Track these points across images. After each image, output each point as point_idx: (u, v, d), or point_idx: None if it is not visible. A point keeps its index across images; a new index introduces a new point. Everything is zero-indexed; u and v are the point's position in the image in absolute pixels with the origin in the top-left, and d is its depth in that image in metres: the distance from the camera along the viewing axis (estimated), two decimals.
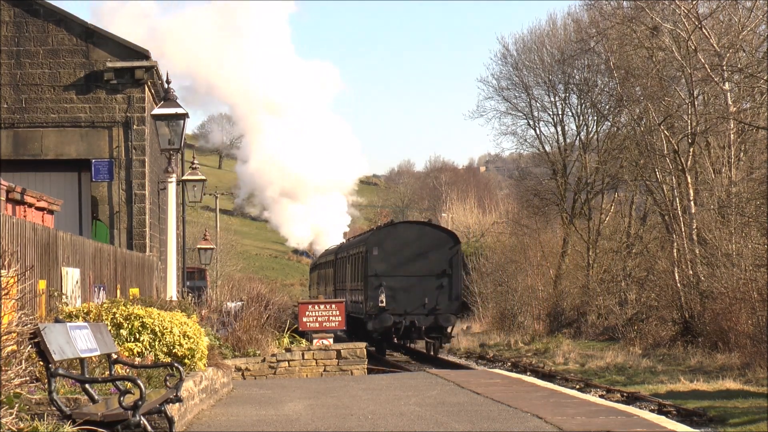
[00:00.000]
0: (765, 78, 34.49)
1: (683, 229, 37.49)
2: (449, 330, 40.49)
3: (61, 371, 8.76)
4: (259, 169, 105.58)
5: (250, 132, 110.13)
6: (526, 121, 55.75)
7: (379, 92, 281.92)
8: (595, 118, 52.53)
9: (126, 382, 9.50)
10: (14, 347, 8.66)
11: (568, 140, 54.52)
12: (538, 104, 55.37)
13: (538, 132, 55.49)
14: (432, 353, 40.16)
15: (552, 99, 54.83)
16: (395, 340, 41.49)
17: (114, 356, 10.73)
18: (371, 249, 41.27)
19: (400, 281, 40.29)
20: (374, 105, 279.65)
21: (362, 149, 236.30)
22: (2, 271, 9.03)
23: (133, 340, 13.61)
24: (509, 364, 35.74)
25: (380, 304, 39.50)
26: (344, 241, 57.68)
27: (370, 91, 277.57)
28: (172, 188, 21.14)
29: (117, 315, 13.69)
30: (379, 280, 40.28)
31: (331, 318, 25.89)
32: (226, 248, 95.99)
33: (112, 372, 10.59)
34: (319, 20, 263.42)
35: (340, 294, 49.39)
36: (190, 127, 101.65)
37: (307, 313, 25.42)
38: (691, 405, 22.07)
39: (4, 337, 8.42)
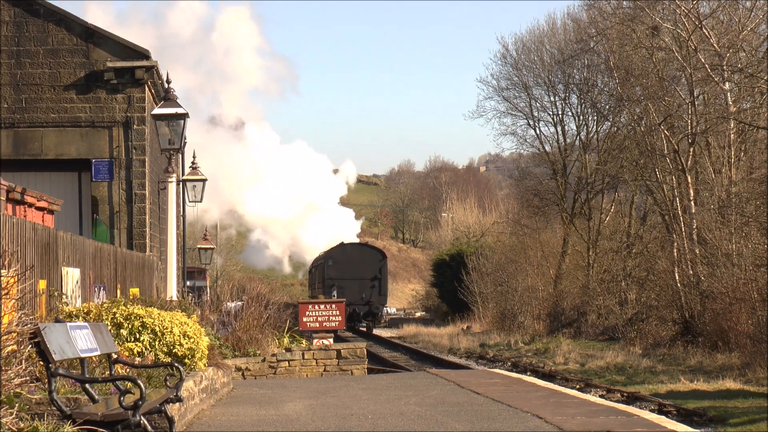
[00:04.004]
0: (765, 78, 34.46)
1: (683, 229, 37.47)
2: (379, 315, 63.38)
3: (61, 371, 8.76)
4: None
5: None
6: (526, 121, 55.81)
7: (379, 92, 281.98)
8: (595, 118, 52.56)
9: (126, 382, 9.50)
10: (14, 347, 8.65)
11: (568, 140, 54.56)
12: (538, 104, 55.44)
13: (538, 132, 55.56)
14: (368, 331, 59.93)
15: (552, 99, 54.89)
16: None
17: (114, 356, 10.73)
18: (327, 261, 62.63)
19: (347, 283, 60.18)
20: (374, 105, 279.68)
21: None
22: (2, 270, 9.03)
23: (133, 339, 13.60)
24: (509, 364, 35.74)
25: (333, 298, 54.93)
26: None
27: (370, 91, 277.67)
28: (172, 188, 21.14)
29: (117, 315, 13.69)
30: (333, 281, 60.47)
31: (331, 318, 25.91)
32: (227, 248, 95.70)
33: (113, 372, 10.59)
34: (319, 19, 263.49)
35: (314, 291, 68.25)
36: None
37: (307, 313, 25.42)
38: (691, 405, 22.07)
39: (4, 337, 8.42)
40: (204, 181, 32.18)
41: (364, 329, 61.24)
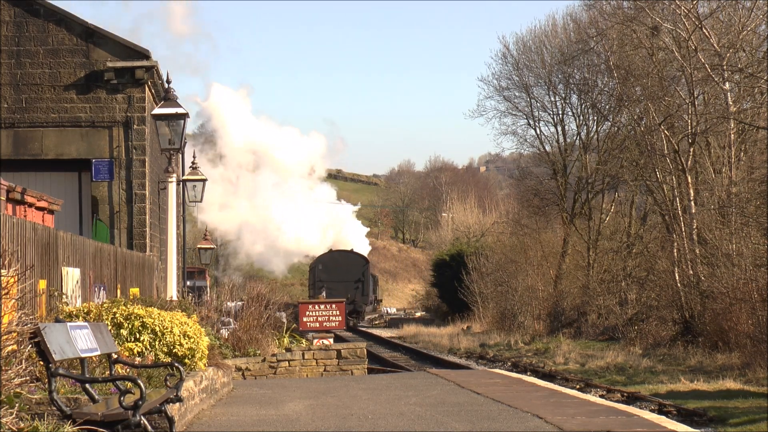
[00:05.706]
0: (765, 78, 34.46)
1: (683, 229, 37.46)
2: (362, 313, 72.99)
3: (61, 371, 8.76)
4: None
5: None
6: (526, 120, 55.76)
7: (380, 92, 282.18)
8: (595, 117, 52.51)
9: (126, 382, 9.50)
10: (14, 347, 8.65)
11: (568, 140, 54.53)
12: (538, 104, 55.38)
13: (538, 132, 55.51)
14: (353, 326, 67.41)
15: (552, 99, 54.84)
16: None
17: (114, 356, 10.73)
18: (318, 265, 72.82)
19: (334, 284, 68.48)
20: (375, 105, 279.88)
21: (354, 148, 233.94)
22: (2, 270, 9.02)
23: (133, 339, 13.60)
24: (509, 364, 35.73)
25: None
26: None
27: (370, 91, 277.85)
28: (172, 188, 21.14)
29: (117, 315, 13.69)
30: (322, 283, 69.00)
31: (331, 318, 25.89)
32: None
33: (113, 372, 10.59)
34: (318, 19, 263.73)
35: (310, 291, 75.62)
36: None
37: (307, 313, 25.41)
38: (691, 405, 22.07)
39: (5, 337, 8.42)
40: (204, 181, 32.16)
41: (351, 324, 68.12)
